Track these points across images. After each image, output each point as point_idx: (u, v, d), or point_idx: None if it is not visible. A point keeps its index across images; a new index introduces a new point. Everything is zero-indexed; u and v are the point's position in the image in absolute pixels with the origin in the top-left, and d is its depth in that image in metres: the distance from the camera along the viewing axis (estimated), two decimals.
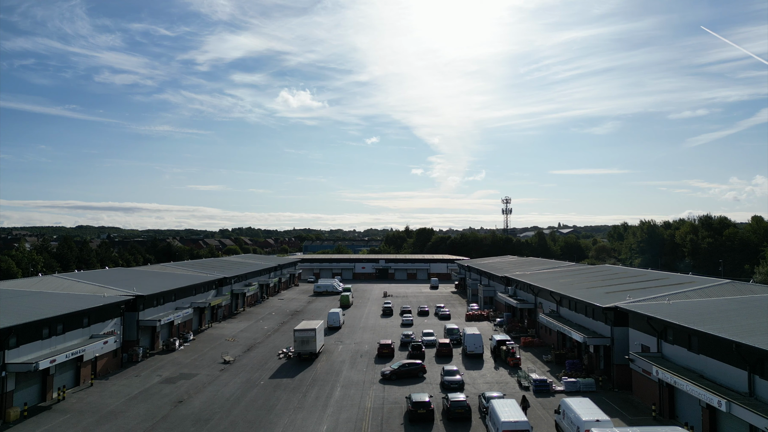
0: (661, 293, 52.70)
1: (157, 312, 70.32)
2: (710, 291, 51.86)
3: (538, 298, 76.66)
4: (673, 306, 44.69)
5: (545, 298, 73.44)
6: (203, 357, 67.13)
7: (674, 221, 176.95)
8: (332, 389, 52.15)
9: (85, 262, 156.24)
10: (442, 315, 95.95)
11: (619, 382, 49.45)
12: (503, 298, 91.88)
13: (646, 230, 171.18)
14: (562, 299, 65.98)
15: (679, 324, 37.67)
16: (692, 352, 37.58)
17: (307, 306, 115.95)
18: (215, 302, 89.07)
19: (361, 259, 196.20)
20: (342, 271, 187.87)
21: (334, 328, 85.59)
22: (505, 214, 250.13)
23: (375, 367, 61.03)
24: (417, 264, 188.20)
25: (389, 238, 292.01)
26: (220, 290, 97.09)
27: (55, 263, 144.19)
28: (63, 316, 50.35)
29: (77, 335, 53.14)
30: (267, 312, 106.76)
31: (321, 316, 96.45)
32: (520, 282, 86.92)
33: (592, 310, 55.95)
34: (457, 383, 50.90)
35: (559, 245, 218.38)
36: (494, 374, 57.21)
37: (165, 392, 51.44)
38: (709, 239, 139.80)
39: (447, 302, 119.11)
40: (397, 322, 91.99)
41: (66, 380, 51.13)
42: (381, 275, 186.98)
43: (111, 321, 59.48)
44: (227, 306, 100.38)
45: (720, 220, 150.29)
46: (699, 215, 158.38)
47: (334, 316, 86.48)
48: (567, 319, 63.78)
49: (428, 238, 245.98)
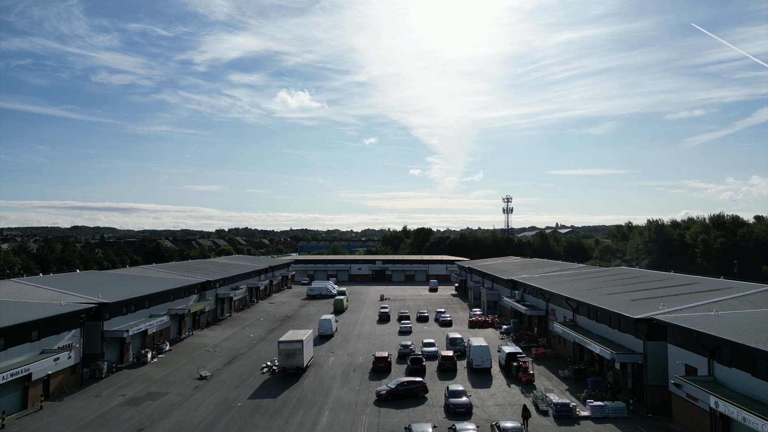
0: (698, 301, 45.65)
1: (126, 321, 63.02)
2: (757, 299, 44.84)
3: (550, 305, 69.58)
4: (722, 318, 37.55)
5: (558, 304, 66.43)
6: (177, 371, 59.92)
7: (682, 220, 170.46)
8: (319, 413, 45.02)
9: (66, 263, 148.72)
10: (443, 321, 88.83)
11: (653, 406, 42.40)
12: (509, 303, 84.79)
13: (653, 230, 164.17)
14: (580, 306, 58.90)
15: (741, 343, 30.55)
16: (759, 378, 30.45)
17: (298, 311, 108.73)
18: (196, 308, 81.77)
19: (358, 260, 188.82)
20: (337, 272, 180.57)
21: (326, 336, 78.42)
22: (506, 214, 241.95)
23: (369, 384, 53.93)
24: (415, 265, 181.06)
25: (386, 239, 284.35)
26: (203, 294, 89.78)
27: (33, 265, 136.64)
28: (5, 329, 43.12)
29: (24, 351, 45.89)
30: (255, 317, 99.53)
31: (312, 321, 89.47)
32: (528, 286, 79.84)
33: (618, 320, 48.87)
34: (464, 406, 43.87)
35: (562, 245, 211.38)
36: (505, 394, 50.10)
37: (125, 417, 44.26)
38: (722, 239, 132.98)
39: (447, 306, 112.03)
40: (394, 330, 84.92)
41: (9, 404, 43.89)
42: (378, 277, 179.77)
43: (68, 333, 52.19)
44: (211, 311, 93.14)
45: (732, 220, 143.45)
46: (710, 214, 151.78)
47: (325, 323, 79.33)
48: (586, 329, 56.71)
49: (426, 239, 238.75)
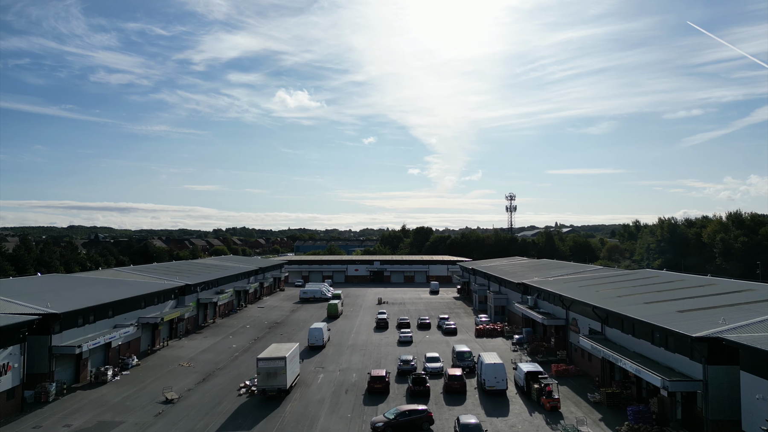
0: (764, 314, 37.30)
1: (83, 333, 54.48)
2: None
3: (571, 313, 61.13)
4: None
5: (581, 313, 58.00)
6: (141, 392, 51.39)
7: (696, 218, 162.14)
8: None
9: (45, 264, 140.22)
10: (447, 329, 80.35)
11: None
12: (521, 310, 76.33)
13: (666, 229, 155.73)
14: (610, 317, 50.47)
15: None
16: None
17: (289, 316, 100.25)
18: (171, 316, 73.17)
19: (355, 261, 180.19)
20: (333, 273, 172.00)
21: (316, 347, 69.91)
22: (509, 212, 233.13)
23: (364, 410, 45.54)
24: (415, 266, 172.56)
25: (385, 238, 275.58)
26: (181, 300, 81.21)
27: (8, 266, 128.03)
28: None
29: None
30: (241, 324, 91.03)
31: (303, 330, 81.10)
32: (543, 291, 71.39)
33: (665, 336, 40.44)
34: None
35: (568, 245, 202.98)
36: (527, 425, 41.64)
37: None
38: (743, 238, 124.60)
39: (451, 311, 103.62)
40: (393, 339, 76.52)
41: None
42: (376, 278, 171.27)
43: (3, 351, 43.63)
44: (192, 318, 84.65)
45: (752, 217, 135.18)
46: (727, 212, 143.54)
47: (316, 332, 70.78)
48: (620, 345, 48.22)
49: (426, 238, 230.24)
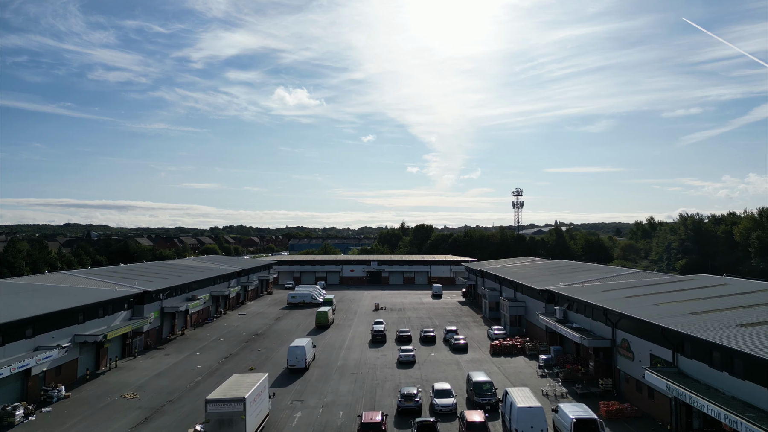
0: None
1: None
2: None
3: (620, 332, 47.93)
4: None
5: (636, 333, 44.86)
6: None
7: (722, 215, 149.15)
8: None
9: (8, 266, 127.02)
10: (456, 345, 67.07)
11: None
12: (546, 323, 63.18)
13: (690, 227, 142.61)
14: (686, 343, 37.27)
15: None
16: None
17: (273, 325, 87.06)
18: (120, 331, 59.82)
19: (350, 261, 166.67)
20: (327, 274, 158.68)
21: (297, 371, 56.70)
22: (516, 209, 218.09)
23: None
24: (415, 266, 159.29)
25: (383, 237, 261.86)
26: (139, 309, 67.98)
27: None
28: None
29: None
30: (215, 336, 77.85)
31: (286, 343, 67.39)
32: (576, 301, 58.23)
33: None
34: None
35: (580, 244, 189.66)
36: None
37: None
38: None
39: (458, 319, 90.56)
40: (391, 357, 63.36)
41: None
42: (373, 279, 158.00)
43: None
44: (154, 331, 71.53)
45: None
46: (759, 207, 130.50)
47: (297, 351, 57.31)
48: (705, 383, 34.93)
49: (427, 236, 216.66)
